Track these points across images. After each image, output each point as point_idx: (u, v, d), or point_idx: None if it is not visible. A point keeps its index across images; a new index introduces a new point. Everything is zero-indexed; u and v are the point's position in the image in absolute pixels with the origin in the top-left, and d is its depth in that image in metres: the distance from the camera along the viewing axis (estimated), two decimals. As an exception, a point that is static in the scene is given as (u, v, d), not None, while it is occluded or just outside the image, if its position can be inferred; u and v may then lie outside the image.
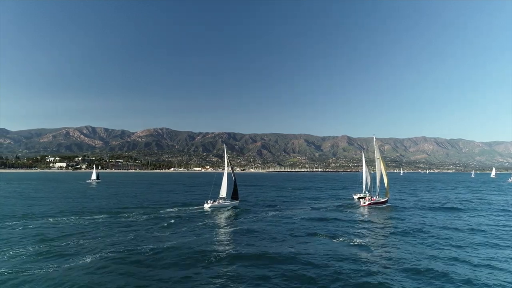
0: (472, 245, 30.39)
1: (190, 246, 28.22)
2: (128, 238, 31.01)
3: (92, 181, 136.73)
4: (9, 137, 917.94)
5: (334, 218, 44.62)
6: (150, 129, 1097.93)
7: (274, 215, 46.96)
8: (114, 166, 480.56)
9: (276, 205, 59.12)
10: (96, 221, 39.89)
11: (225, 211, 50.40)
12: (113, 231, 34.08)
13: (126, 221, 40.24)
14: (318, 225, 39.55)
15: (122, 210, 49.85)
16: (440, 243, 31.07)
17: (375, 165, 64.76)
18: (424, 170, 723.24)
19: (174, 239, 31.05)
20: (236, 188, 57.06)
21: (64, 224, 37.90)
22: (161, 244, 28.56)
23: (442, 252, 27.86)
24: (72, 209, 51.34)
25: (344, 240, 31.78)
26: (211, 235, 33.31)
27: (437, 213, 52.16)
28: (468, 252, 28.04)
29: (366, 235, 34.43)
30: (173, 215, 44.97)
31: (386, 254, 26.94)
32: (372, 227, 39.61)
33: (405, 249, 28.79)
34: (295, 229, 36.93)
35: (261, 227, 37.98)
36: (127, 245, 28.11)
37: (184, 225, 38.41)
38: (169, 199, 69.97)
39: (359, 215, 49.10)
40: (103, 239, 30.42)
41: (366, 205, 58.88)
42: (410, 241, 32.00)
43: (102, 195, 78.75)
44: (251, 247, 28.60)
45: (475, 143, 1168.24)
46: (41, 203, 58.87)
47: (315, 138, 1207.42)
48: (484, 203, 67.08)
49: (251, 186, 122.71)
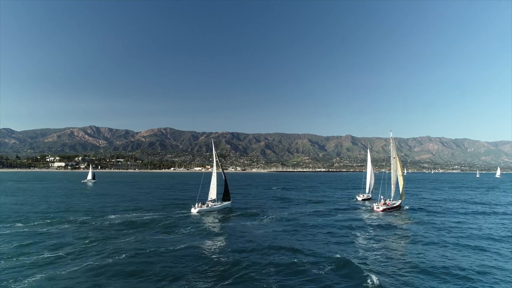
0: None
1: (164, 263, 23.86)
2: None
3: (88, 181, 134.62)
4: (14, 137, 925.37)
5: (344, 226, 38.82)
6: (154, 129, 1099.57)
7: (270, 220, 42.57)
8: (114, 166, 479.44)
9: (267, 209, 53.55)
10: (60, 227, 36.21)
11: (215, 215, 46.07)
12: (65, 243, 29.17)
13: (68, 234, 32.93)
14: (326, 234, 34.74)
15: (89, 215, 44.73)
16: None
17: (390, 165, 57.83)
18: (429, 170, 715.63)
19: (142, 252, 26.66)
20: (227, 188, 52.95)
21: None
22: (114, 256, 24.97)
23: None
24: (44, 210, 48.90)
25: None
26: (192, 247, 28.49)
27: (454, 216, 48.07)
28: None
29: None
30: (150, 221, 39.71)
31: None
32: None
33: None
34: (299, 238, 32.40)
35: (256, 233, 34.23)
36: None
37: (165, 233, 34.31)
38: (152, 202, 64.63)
39: (376, 225, 40.37)
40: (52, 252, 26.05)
41: (380, 211, 51.09)
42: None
43: (88, 195, 76.43)
44: (246, 259, 24.80)
45: (481, 143, 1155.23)
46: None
47: (319, 138, 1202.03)
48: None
49: (245, 187, 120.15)
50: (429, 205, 62.19)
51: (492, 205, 64.65)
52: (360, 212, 51.82)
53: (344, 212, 52.03)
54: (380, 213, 50.33)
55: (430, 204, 65.12)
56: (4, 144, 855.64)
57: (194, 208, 47.57)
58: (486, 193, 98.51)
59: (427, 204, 64.91)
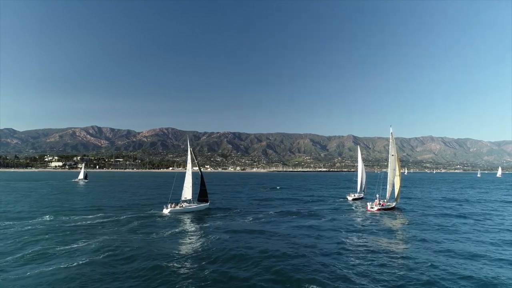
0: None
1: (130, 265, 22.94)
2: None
3: (79, 181, 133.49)
4: (16, 137, 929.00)
5: (334, 229, 36.20)
6: (156, 129, 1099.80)
7: (253, 221, 40.52)
8: (112, 166, 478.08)
9: (255, 209, 52.13)
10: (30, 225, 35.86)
11: (189, 216, 42.87)
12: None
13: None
14: (312, 237, 32.17)
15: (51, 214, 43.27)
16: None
17: (388, 163, 54.60)
18: (431, 170, 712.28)
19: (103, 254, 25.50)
20: (205, 188, 49.35)
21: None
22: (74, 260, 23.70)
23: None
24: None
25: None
26: (159, 250, 26.64)
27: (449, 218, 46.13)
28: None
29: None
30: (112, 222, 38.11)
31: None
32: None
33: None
34: (287, 243, 29.73)
35: (235, 237, 31.55)
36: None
37: (131, 232, 33.32)
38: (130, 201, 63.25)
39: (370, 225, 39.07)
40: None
41: (375, 210, 48.80)
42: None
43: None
44: (222, 268, 22.61)
45: (483, 142, 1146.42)
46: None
47: (321, 137, 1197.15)
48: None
49: (228, 186, 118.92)
50: (425, 206, 60.16)
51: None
52: (350, 213, 49.18)
53: (331, 212, 49.30)
54: (376, 212, 48.21)
55: (425, 204, 63.38)
56: (7, 144, 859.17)
57: (166, 208, 44.86)
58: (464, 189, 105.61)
59: (423, 204, 62.98)
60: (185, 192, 48.00)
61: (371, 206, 50.12)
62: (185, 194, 47.93)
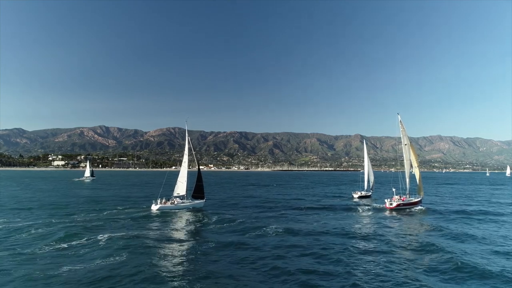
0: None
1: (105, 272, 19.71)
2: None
3: (86, 178, 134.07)
4: (25, 137, 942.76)
5: (348, 234, 30.99)
6: (163, 128, 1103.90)
7: (239, 224, 34.98)
8: (115, 165, 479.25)
9: (243, 210, 46.34)
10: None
11: (181, 214, 38.23)
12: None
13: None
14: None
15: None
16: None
17: (399, 165, 50.47)
18: (439, 169, 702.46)
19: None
20: (201, 184, 44.22)
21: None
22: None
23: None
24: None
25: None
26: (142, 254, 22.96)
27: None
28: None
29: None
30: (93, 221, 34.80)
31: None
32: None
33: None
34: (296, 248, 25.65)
35: (236, 240, 27.45)
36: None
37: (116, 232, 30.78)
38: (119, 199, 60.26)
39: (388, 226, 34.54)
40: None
41: (393, 207, 44.76)
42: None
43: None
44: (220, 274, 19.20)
45: (493, 142, 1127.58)
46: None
47: (328, 137, 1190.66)
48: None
49: (228, 185, 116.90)
50: (448, 205, 55.25)
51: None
52: (362, 212, 44.84)
53: (339, 212, 45.11)
54: (395, 209, 44.22)
55: (448, 203, 58.91)
56: (16, 143, 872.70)
57: (155, 204, 41.19)
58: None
59: (446, 202, 58.64)
60: (178, 187, 43.75)
61: (389, 203, 46.07)
62: (178, 190, 43.77)
